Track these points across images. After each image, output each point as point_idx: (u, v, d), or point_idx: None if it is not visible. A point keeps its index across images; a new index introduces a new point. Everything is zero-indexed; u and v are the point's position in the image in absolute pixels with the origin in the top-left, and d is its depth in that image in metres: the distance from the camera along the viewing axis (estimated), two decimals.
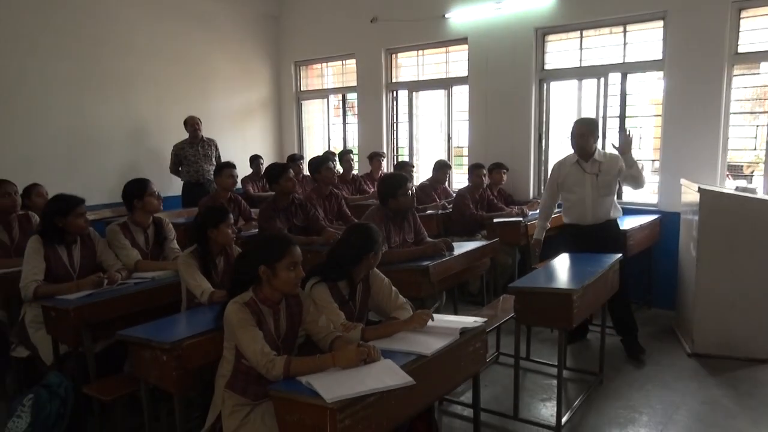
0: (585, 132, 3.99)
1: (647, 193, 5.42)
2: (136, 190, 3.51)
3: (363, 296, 2.66)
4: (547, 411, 3.36)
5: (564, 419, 3.20)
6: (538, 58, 5.73)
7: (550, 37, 5.70)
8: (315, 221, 4.35)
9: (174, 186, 6.34)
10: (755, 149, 4.81)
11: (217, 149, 6.43)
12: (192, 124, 6.20)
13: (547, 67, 5.76)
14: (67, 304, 2.81)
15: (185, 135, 6.26)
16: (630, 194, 5.51)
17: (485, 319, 2.51)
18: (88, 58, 5.91)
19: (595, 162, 4.01)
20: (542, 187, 5.99)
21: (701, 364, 3.94)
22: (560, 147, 5.89)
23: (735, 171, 5.37)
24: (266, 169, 4.67)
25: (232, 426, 2.20)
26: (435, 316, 2.49)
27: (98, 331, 2.94)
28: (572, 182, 4.08)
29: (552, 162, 5.90)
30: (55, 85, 5.67)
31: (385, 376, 1.96)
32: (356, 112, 7.44)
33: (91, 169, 5.84)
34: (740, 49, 4.71)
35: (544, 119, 5.86)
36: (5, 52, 5.32)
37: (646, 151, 5.42)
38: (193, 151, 6.20)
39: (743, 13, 4.69)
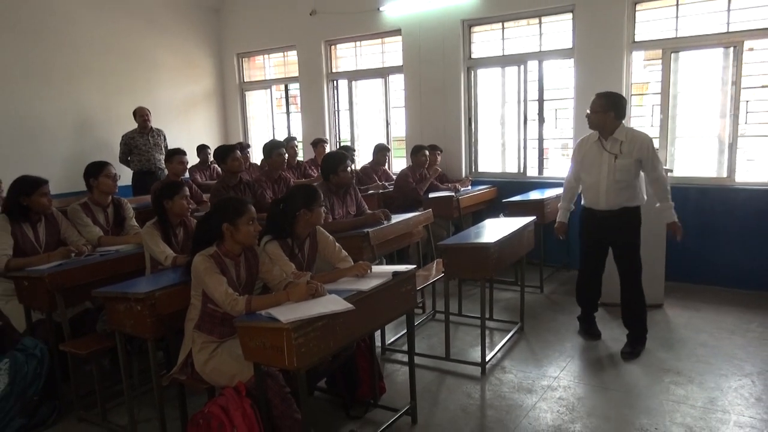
0: (599, 106, 3.64)
1: (564, 167, 6.05)
2: (93, 170, 3.79)
3: (311, 250, 3.08)
4: (476, 353, 3.87)
5: (488, 357, 3.73)
6: (465, 47, 6.26)
7: (476, 29, 6.25)
8: (262, 200, 4.72)
9: (124, 176, 6.50)
10: (652, 127, 5.48)
11: (165, 139, 6.64)
12: (141, 115, 6.40)
13: (473, 56, 6.30)
14: (41, 273, 3.09)
15: (132, 126, 6.44)
16: (550, 169, 6.15)
17: (414, 266, 2.97)
18: (28, 50, 6.01)
19: (615, 141, 3.64)
20: (473, 167, 6.58)
21: (607, 311, 4.56)
22: (488, 129, 6.48)
23: None
24: (215, 149, 4.99)
25: (202, 359, 2.60)
26: (372, 267, 2.94)
27: (69, 299, 3.22)
28: (590, 162, 3.77)
29: (481, 143, 6.51)
30: None
31: (330, 304, 2.39)
32: (298, 102, 7.79)
33: (36, 160, 5.91)
34: (637, 38, 5.38)
35: (473, 104, 6.41)
36: None
37: (563, 131, 6.03)
38: (144, 141, 6.40)
39: (638, 6, 5.35)
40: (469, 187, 6.05)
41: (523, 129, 6.14)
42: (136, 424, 3.02)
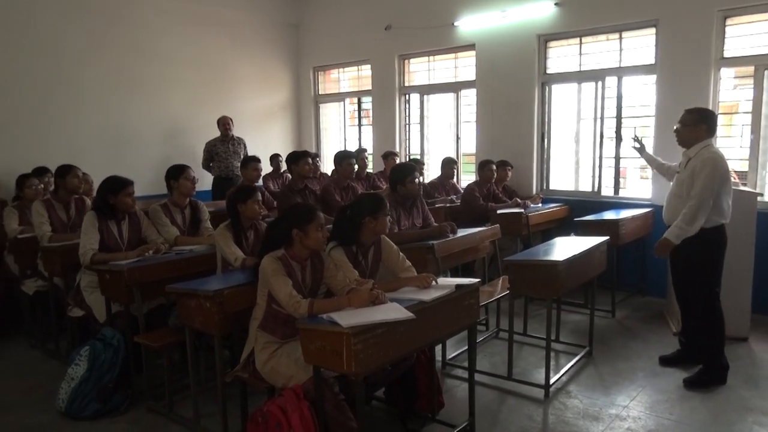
0: (689, 120, 3.56)
1: (643, 188, 5.81)
2: (174, 173, 4.00)
3: (374, 259, 3.10)
4: (539, 375, 3.74)
5: (553, 380, 3.60)
6: (540, 62, 6.15)
7: (552, 43, 6.13)
8: (331, 207, 4.81)
9: (205, 181, 6.84)
10: (741, 148, 5.16)
11: (245, 147, 6.93)
12: (224, 124, 6.73)
13: (548, 71, 6.17)
14: (121, 267, 3.28)
15: (215, 133, 6.79)
16: (627, 189, 5.93)
17: (478, 280, 2.92)
18: (123, 63, 6.46)
19: (686, 156, 3.59)
20: (545, 184, 6.41)
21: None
22: (562, 146, 6.31)
23: None
24: (288, 153, 5.17)
25: (262, 358, 2.66)
26: (438, 279, 2.91)
27: (145, 293, 3.39)
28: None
29: (554, 160, 6.35)
30: (93, 88, 6.22)
31: (391, 312, 2.38)
32: (371, 115, 7.90)
33: (129, 164, 6.31)
34: (726, 54, 5.10)
35: (546, 120, 6.27)
36: (50, 59, 5.87)
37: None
38: (224, 148, 6.72)
39: (729, 21, 5.08)
40: (540, 205, 5.91)
41: (599, 147, 5.94)
42: (200, 418, 3.12)
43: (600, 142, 5.92)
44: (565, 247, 3.82)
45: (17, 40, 5.64)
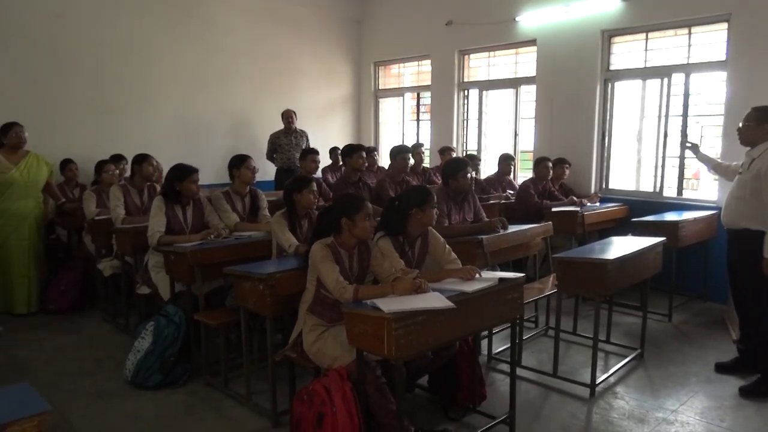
0: (753, 118, 3.49)
1: (709, 190, 5.58)
2: (236, 162, 4.21)
3: (421, 251, 3.17)
4: (586, 374, 3.70)
5: (599, 379, 3.56)
6: (603, 58, 6.01)
7: (616, 39, 5.97)
8: (385, 200, 4.91)
9: (269, 171, 7.12)
10: None
11: (307, 140, 7.16)
12: (287, 117, 6.98)
13: (612, 67, 6.03)
14: (185, 249, 3.51)
15: (278, 126, 7.05)
16: (692, 191, 5.72)
17: (522, 275, 2.94)
18: (193, 57, 6.80)
19: (749, 157, 3.49)
20: (604, 183, 6.27)
21: None
22: (623, 144, 6.15)
23: None
24: (344, 146, 5.32)
25: (311, 340, 2.80)
26: (482, 272, 2.95)
27: (206, 274, 3.61)
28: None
29: (615, 159, 6.20)
30: (167, 81, 6.59)
31: (432, 300, 2.46)
32: (429, 110, 7.95)
33: (198, 154, 6.60)
34: None
35: (608, 117, 6.12)
36: (127, 54, 6.27)
37: (708, 149, 5.55)
38: (287, 141, 6.98)
39: None
40: (597, 204, 5.79)
41: (663, 146, 5.75)
42: (252, 395, 3.30)
43: (664, 141, 5.74)
44: (618, 247, 3.76)
45: (97, 38, 6.05)
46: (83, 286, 5.13)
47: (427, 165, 7.34)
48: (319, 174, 6.15)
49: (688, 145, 4.33)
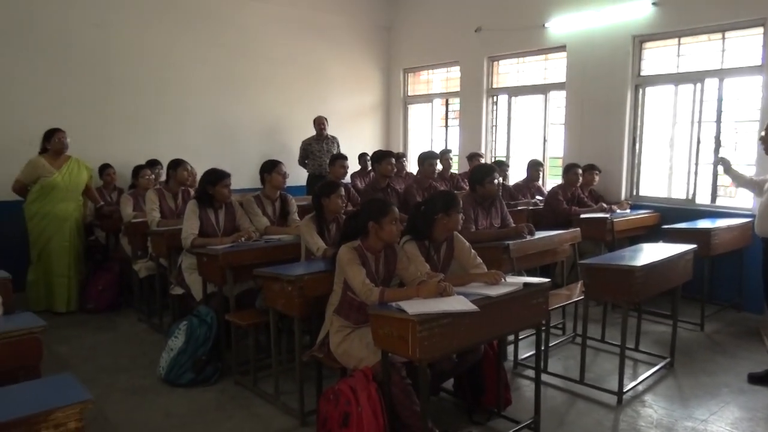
0: None
1: (745, 197, 5.46)
2: (267, 167, 4.32)
3: (446, 255, 3.21)
4: (614, 381, 3.66)
5: (627, 387, 3.53)
6: (634, 64, 5.96)
7: (647, 44, 5.92)
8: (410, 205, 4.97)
9: (301, 177, 7.24)
10: None
11: (338, 146, 7.27)
12: (319, 123, 7.11)
13: (643, 73, 5.96)
14: (216, 251, 3.62)
15: (309, 132, 7.18)
16: (725, 198, 5.61)
17: (548, 280, 2.95)
18: (228, 64, 6.98)
19: None
20: (634, 190, 6.20)
21: None
22: (654, 151, 6.07)
23: None
24: (373, 152, 5.39)
25: (336, 341, 2.86)
26: (508, 277, 2.97)
27: (237, 276, 3.71)
28: None
29: (646, 165, 6.12)
30: (201, 88, 6.78)
31: (456, 304, 2.50)
32: (458, 116, 7.98)
33: (231, 160, 6.76)
34: None
35: (639, 124, 6.06)
36: (163, 61, 6.48)
37: (743, 155, 5.44)
38: (318, 147, 7.10)
39: None
40: (627, 211, 5.72)
41: (696, 152, 5.66)
42: (280, 394, 3.38)
43: (697, 147, 5.65)
44: (647, 253, 3.73)
45: (135, 47, 6.27)
46: (120, 287, 5.32)
47: (455, 171, 7.36)
48: (347, 179, 6.23)
49: (719, 160, 4.28)
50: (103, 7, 6.03)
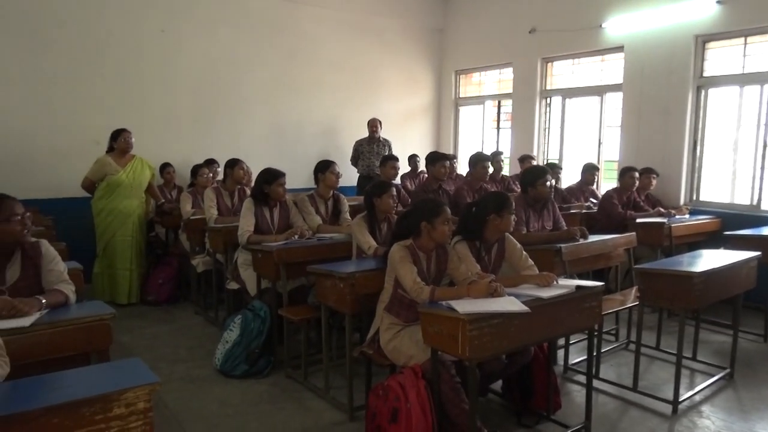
0: None
1: None
2: (321, 167, 4.41)
3: (497, 256, 3.20)
4: (669, 390, 3.55)
5: (683, 397, 3.43)
6: (696, 65, 5.76)
7: (711, 44, 5.71)
8: (461, 206, 4.96)
9: (353, 177, 7.35)
10: None
11: (390, 148, 7.34)
12: (372, 125, 7.24)
13: (705, 74, 5.76)
14: (271, 248, 3.73)
15: (363, 133, 7.31)
16: None
17: (601, 284, 2.90)
18: (284, 68, 7.17)
19: None
20: (694, 195, 5.99)
21: None
22: (716, 154, 5.85)
23: None
24: (428, 154, 5.42)
25: (386, 338, 2.91)
26: (560, 280, 2.95)
27: (290, 272, 3.81)
28: None
29: (707, 169, 5.91)
30: (258, 90, 6.99)
31: (507, 304, 2.50)
32: (510, 118, 7.90)
33: (290, 159, 6.97)
34: None
35: (700, 126, 5.85)
36: (221, 65, 6.71)
37: None
38: (369, 148, 7.21)
39: None
40: (686, 216, 5.54)
41: (762, 156, 5.42)
42: (330, 389, 3.45)
43: (762, 151, 5.41)
44: (707, 260, 3.61)
45: (196, 51, 6.53)
46: (178, 281, 5.54)
47: (506, 173, 7.30)
48: (398, 180, 6.28)
49: None
50: (168, 13, 6.31)
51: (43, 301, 2.33)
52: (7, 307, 2.15)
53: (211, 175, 5.80)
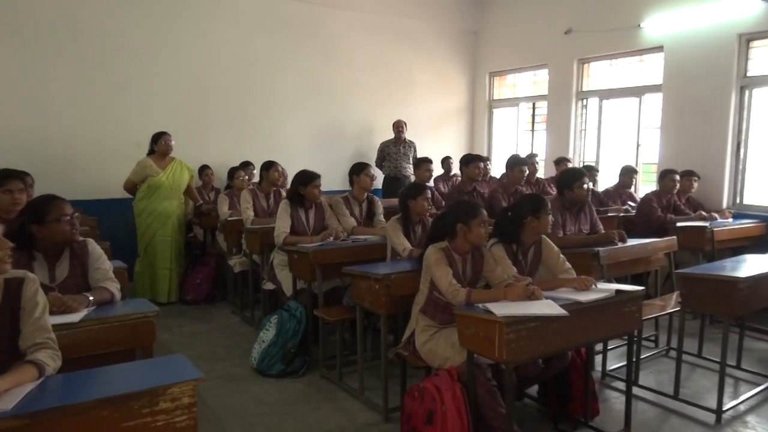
0: None
1: None
2: (356, 169, 4.45)
3: (534, 259, 3.17)
4: (712, 399, 3.46)
5: (727, 406, 3.33)
6: (740, 64, 5.60)
7: (755, 43, 5.54)
8: (497, 212, 4.92)
9: (378, 179, 7.37)
10: None
11: (415, 150, 7.36)
12: (398, 127, 7.25)
13: (750, 73, 5.59)
14: (307, 249, 3.77)
15: (392, 135, 7.29)
16: None
17: (642, 288, 2.85)
18: (318, 71, 7.23)
19: None
20: (738, 198, 5.81)
21: None
22: (762, 156, 5.67)
23: None
24: (463, 156, 5.42)
25: (422, 339, 2.91)
26: (599, 284, 2.90)
27: (325, 273, 3.85)
28: None
29: (751, 171, 5.73)
30: (292, 93, 7.07)
31: (544, 308, 2.47)
32: (545, 120, 7.81)
33: (326, 161, 7.04)
34: None
35: (744, 127, 5.68)
36: (256, 68, 6.81)
37: None
38: (396, 150, 7.23)
39: None
40: (729, 220, 5.38)
41: None
42: (364, 390, 3.47)
43: None
44: (752, 265, 3.50)
45: (232, 55, 6.64)
46: (215, 280, 5.66)
47: (541, 176, 7.21)
48: (431, 183, 6.28)
49: None
50: (205, 19, 6.44)
51: (91, 298, 2.41)
52: (57, 304, 2.23)
53: (247, 177, 5.90)
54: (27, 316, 1.85)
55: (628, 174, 6.07)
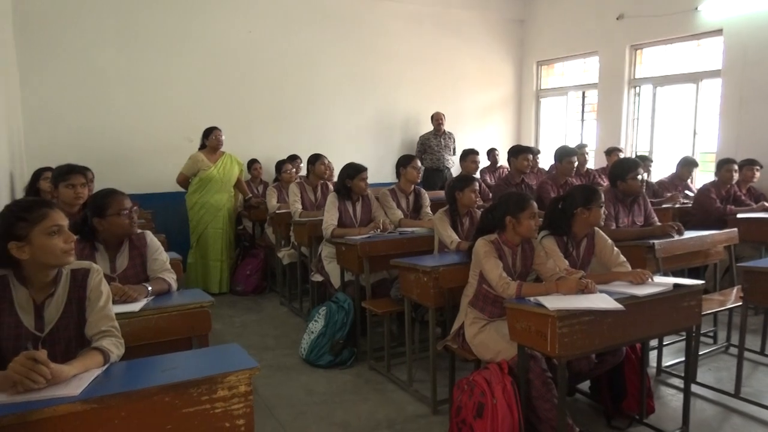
0: None
1: None
2: (403, 161, 4.45)
3: (586, 251, 3.10)
4: None
5: None
6: None
7: None
8: (544, 201, 4.83)
9: None
10: None
11: (454, 141, 7.32)
12: (437, 119, 7.23)
13: None
14: (354, 242, 3.80)
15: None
16: None
17: (702, 282, 2.74)
18: (363, 63, 7.26)
19: None
20: None
21: None
22: None
23: None
24: (511, 147, 5.34)
25: (472, 332, 2.89)
26: (655, 277, 2.81)
27: (373, 265, 3.87)
28: None
29: None
30: (337, 86, 7.12)
31: (599, 301, 2.41)
32: (595, 109, 7.60)
33: (372, 154, 7.10)
34: None
35: None
36: (302, 63, 6.88)
37: None
38: (436, 142, 7.20)
39: None
40: None
41: None
42: (413, 381, 3.48)
43: None
44: None
45: (279, 50, 6.73)
46: (264, 272, 5.78)
47: (591, 166, 7.02)
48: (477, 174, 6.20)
49: None
50: (254, 16, 6.55)
51: (149, 288, 2.49)
52: (119, 293, 2.32)
53: (294, 170, 5.98)
54: (92, 305, 1.93)
55: (687, 166, 5.85)
